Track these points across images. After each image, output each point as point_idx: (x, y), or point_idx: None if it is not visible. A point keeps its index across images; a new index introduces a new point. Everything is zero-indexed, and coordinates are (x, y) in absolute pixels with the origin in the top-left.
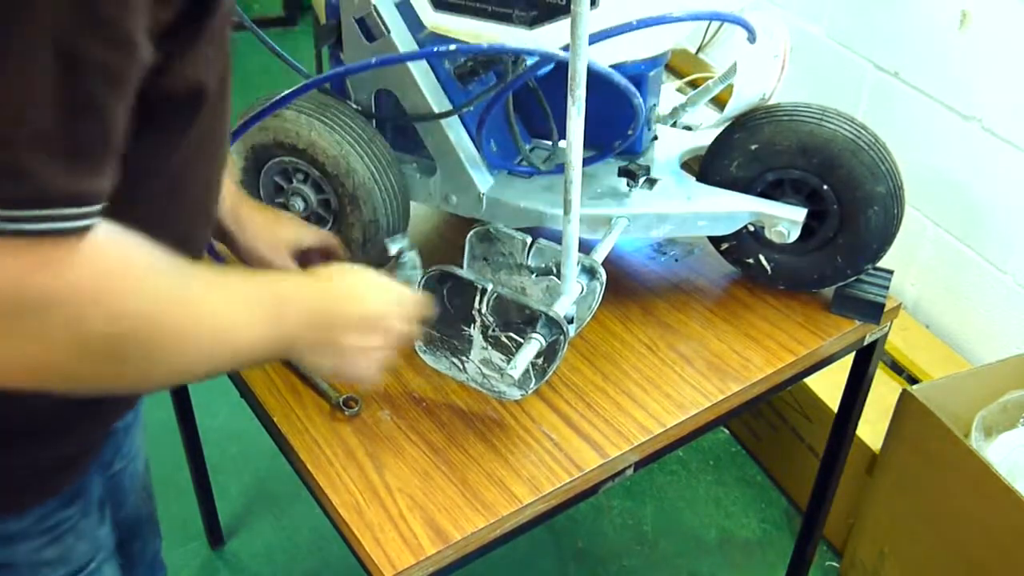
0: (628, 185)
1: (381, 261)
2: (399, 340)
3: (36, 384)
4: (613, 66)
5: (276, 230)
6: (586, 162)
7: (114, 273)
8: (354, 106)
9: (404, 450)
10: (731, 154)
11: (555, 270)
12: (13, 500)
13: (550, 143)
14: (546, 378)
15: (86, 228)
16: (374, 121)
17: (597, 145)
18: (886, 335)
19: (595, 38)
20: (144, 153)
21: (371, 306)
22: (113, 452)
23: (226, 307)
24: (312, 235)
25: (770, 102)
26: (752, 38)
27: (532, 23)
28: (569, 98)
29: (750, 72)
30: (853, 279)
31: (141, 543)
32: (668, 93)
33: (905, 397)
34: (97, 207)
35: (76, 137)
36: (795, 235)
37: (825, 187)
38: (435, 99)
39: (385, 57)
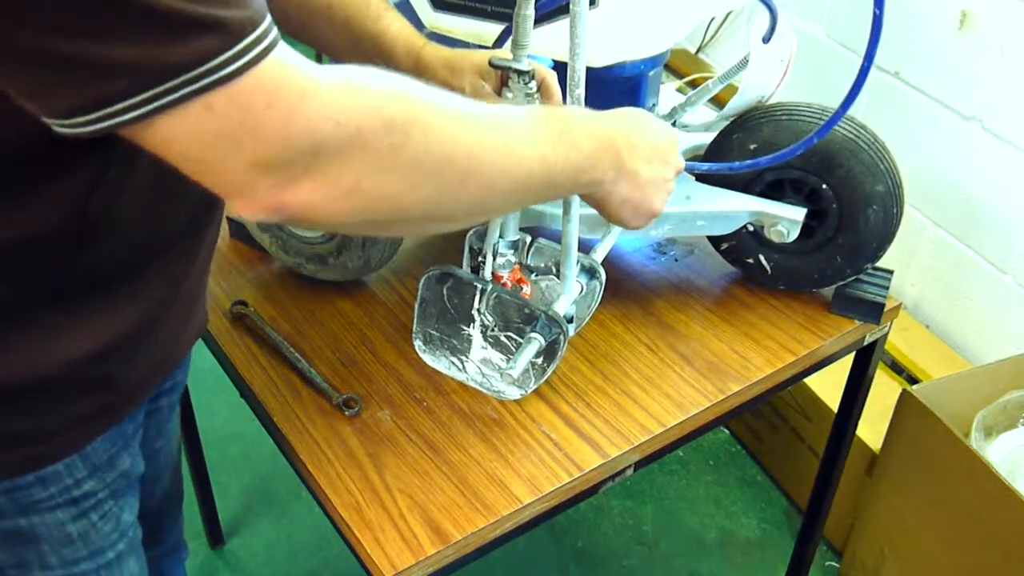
0: None
1: None
2: (677, 174)
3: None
4: (613, 66)
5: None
6: None
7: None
8: None
9: (404, 450)
10: (730, 154)
11: (555, 270)
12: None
13: None
14: (545, 378)
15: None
16: None
17: None
18: (886, 335)
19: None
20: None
21: (658, 137)
22: (157, 431)
23: (504, 121)
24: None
25: (768, 103)
26: (769, 36)
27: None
28: (569, 98)
29: (760, 69)
30: (853, 279)
31: (169, 520)
32: (668, 93)
33: (905, 397)
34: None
35: None
36: (795, 235)
37: (824, 187)
38: None
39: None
